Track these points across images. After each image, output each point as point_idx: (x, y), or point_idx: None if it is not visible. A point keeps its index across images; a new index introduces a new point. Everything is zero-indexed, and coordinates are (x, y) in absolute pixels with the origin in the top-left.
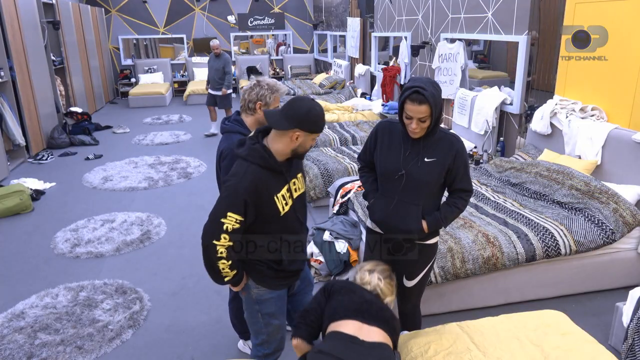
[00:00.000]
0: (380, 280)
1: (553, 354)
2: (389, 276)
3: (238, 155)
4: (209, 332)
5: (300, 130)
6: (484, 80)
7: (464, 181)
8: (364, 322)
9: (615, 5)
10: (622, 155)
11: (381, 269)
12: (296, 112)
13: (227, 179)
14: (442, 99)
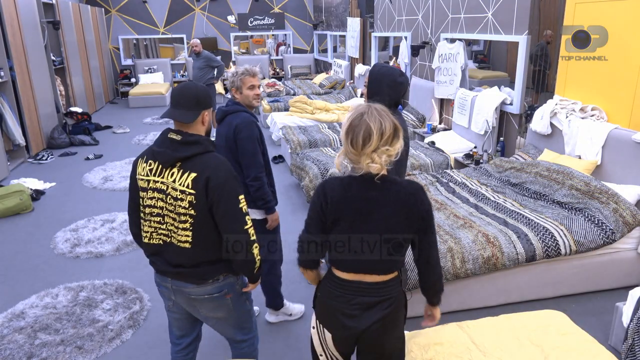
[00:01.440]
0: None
1: (553, 354)
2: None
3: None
4: (209, 332)
5: (205, 110)
6: (484, 80)
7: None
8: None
9: (615, 5)
10: (622, 155)
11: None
12: (191, 98)
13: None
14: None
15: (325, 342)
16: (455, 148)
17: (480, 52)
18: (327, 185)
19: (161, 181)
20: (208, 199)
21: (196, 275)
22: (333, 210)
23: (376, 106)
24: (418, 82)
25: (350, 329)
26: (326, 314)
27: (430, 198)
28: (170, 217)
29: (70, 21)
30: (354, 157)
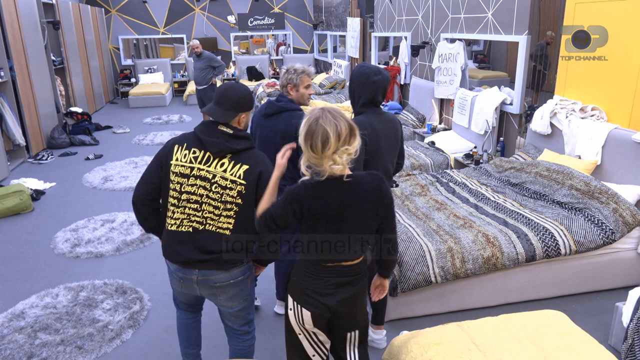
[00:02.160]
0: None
1: (553, 354)
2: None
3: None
4: (209, 332)
5: (243, 112)
6: (484, 80)
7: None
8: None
9: (615, 5)
10: (622, 155)
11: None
12: (233, 100)
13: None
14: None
15: (302, 321)
16: (455, 148)
17: (480, 52)
18: (299, 196)
19: (207, 169)
20: (258, 191)
21: (226, 261)
22: (309, 218)
23: (329, 109)
24: (418, 82)
25: (327, 305)
26: (303, 295)
27: (430, 198)
28: (211, 205)
29: (70, 21)
30: (315, 160)
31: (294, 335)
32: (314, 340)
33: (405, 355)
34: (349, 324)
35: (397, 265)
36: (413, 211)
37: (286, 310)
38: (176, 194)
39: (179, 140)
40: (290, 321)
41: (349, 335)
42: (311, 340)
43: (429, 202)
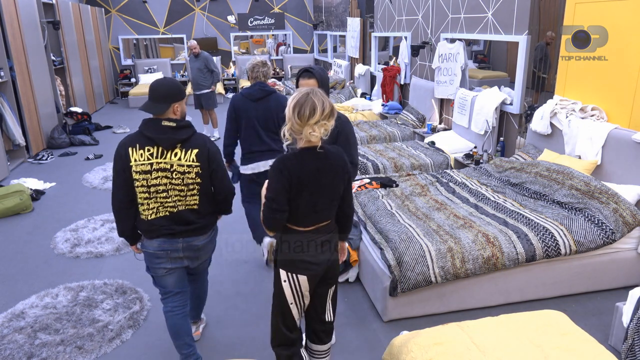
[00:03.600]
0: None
1: (553, 354)
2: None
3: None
4: (209, 332)
5: (175, 102)
6: (484, 80)
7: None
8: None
9: (615, 5)
10: (622, 155)
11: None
12: (163, 93)
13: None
14: (328, 82)
15: (299, 289)
16: (455, 148)
17: (480, 52)
18: (287, 164)
19: (164, 162)
20: (210, 167)
21: (204, 227)
22: (296, 184)
23: (318, 90)
24: (418, 82)
25: (319, 264)
26: (296, 262)
27: (430, 198)
28: (176, 190)
29: (70, 21)
30: (298, 127)
31: (285, 305)
32: (302, 306)
33: (405, 355)
34: (333, 277)
35: (397, 265)
36: (413, 211)
37: (279, 284)
38: (145, 189)
39: (130, 143)
40: (284, 293)
41: (331, 290)
42: (300, 308)
43: (429, 202)
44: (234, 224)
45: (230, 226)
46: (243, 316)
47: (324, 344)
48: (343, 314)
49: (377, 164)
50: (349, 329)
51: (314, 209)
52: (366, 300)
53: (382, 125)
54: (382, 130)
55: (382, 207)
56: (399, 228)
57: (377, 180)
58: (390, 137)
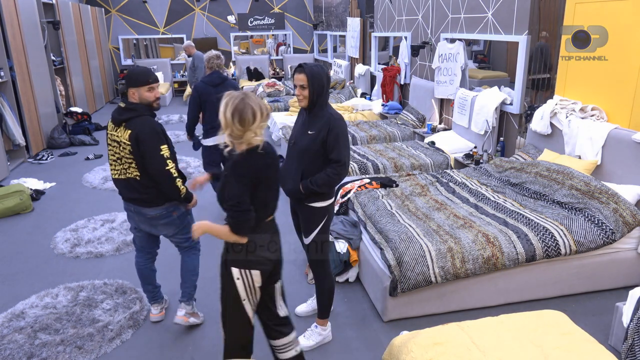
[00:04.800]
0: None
1: (553, 354)
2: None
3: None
4: (209, 332)
5: (130, 88)
6: (484, 80)
7: (334, 152)
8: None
9: (615, 5)
10: (622, 155)
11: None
12: (125, 77)
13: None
14: (325, 80)
15: (252, 283)
16: (455, 148)
17: (480, 52)
18: (244, 167)
19: (115, 135)
20: (139, 149)
21: (145, 200)
22: (253, 184)
23: (249, 93)
24: (418, 82)
25: (271, 258)
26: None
27: (430, 198)
28: (124, 159)
29: (70, 21)
30: (240, 133)
31: (239, 304)
32: (254, 302)
33: (405, 355)
34: (278, 272)
35: (397, 265)
36: (413, 211)
37: (231, 284)
38: (110, 155)
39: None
40: (238, 291)
41: (277, 286)
42: (253, 304)
43: (429, 202)
44: None
45: None
46: None
47: (285, 336)
48: (343, 314)
49: (377, 164)
50: (349, 329)
51: (264, 204)
52: (366, 300)
53: (382, 125)
54: (382, 130)
55: (382, 207)
56: (399, 228)
57: (377, 180)
58: (390, 137)
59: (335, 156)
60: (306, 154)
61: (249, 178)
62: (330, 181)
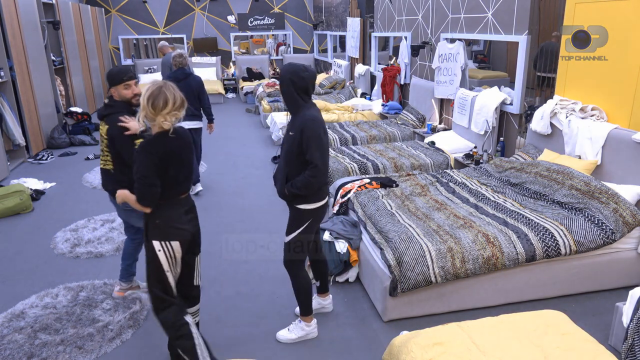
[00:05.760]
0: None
1: (553, 354)
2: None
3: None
4: (209, 332)
5: (111, 86)
6: (484, 80)
7: (308, 154)
8: None
9: (615, 5)
10: (622, 155)
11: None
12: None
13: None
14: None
15: (173, 255)
16: (455, 148)
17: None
18: (153, 146)
19: (101, 128)
20: (114, 145)
21: (113, 191)
22: (162, 162)
23: (170, 83)
24: (418, 82)
25: (189, 230)
26: (168, 231)
27: (430, 198)
28: (104, 152)
29: (70, 21)
30: (152, 116)
31: (162, 273)
32: (176, 274)
33: (405, 355)
34: (198, 245)
35: (397, 265)
36: (413, 211)
37: (153, 256)
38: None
39: None
40: (160, 262)
41: (197, 258)
42: (174, 275)
43: (429, 202)
44: (235, 224)
45: (231, 226)
46: (243, 316)
47: (196, 304)
48: (343, 314)
49: (377, 164)
50: (349, 329)
51: (176, 182)
52: (366, 300)
53: (382, 125)
54: (382, 130)
55: (382, 207)
56: (399, 228)
57: (377, 180)
58: (390, 137)
59: (309, 158)
60: (288, 155)
61: (157, 156)
62: (307, 184)
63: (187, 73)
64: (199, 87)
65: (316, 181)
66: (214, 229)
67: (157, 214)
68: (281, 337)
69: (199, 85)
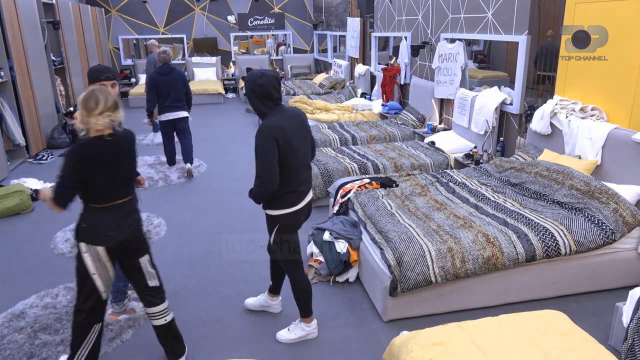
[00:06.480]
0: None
1: (553, 354)
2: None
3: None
4: (209, 332)
5: (90, 84)
6: (484, 80)
7: (256, 165)
8: None
9: (615, 5)
10: (622, 155)
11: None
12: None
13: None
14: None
15: (98, 258)
16: (455, 148)
17: (480, 52)
18: (82, 151)
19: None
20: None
21: None
22: (91, 167)
23: (104, 88)
24: (418, 82)
25: (117, 238)
26: (94, 236)
27: (430, 198)
28: None
29: (70, 21)
30: (85, 118)
31: (87, 277)
32: (106, 278)
33: (405, 355)
34: (139, 249)
35: (397, 265)
36: (413, 211)
37: (80, 256)
38: None
39: None
40: (86, 264)
41: (142, 260)
42: (104, 279)
43: (429, 202)
44: (235, 224)
45: (231, 226)
46: (243, 316)
47: (155, 305)
48: (343, 314)
49: (377, 164)
50: (349, 329)
51: (110, 188)
52: (366, 300)
53: (382, 125)
54: (382, 130)
55: (382, 207)
56: (399, 228)
57: (377, 180)
58: (390, 137)
59: (256, 169)
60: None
61: (80, 160)
62: (255, 194)
63: (171, 68)
64: (183, 80)
65: (260, 192)
66: (214, 229)
67: (85, 218)
68: (281, 337)
69: (183, 79)
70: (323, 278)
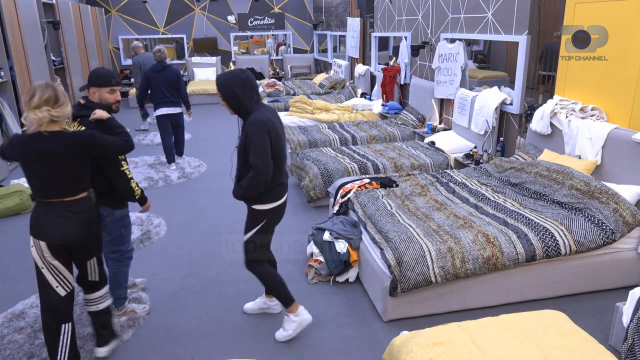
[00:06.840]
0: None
1: (553, 354)
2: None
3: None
4: (209, 332)
5: (91, 87)
6: (484, 80)
7: (250, 156)
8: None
9: (615, 5)
10: (622, 155)
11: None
12: (89, 77)
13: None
14: (235, 86)
15: (42, 253)
16: (455, 148)
17: (480, 52)
18: (15, 144)
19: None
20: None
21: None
22: (22, 162)
23: (52, 83)
24: (418, 82)
25: (59, 235)
26: (39, 228)
27: (430, 198)
28: None
29: (70, 21)
30: (26, 112)
31: (39, 270)
32: (56, 272)
33: (405, 355)
34: (85, 254)
35: (397, 265)
36: (413, 211)
37: (30, 249)
38: None
39: None
40: (33, 257)
41: (89, 263)
42: (53, 273)
43: (429, 202)
44: (234, 223)
45: (231, 226)
46: (243, 316)
47: (92, 293)
48: (343, 314)
49: (377, 164)
50: (349, 329)
51: (43, 184)
52: (366, 300)
53: (382, 125)
54: (382, 130)
55: (382, 207)
56: (399, 228)
57: (377, 180)
58: (390, 137)
59: (250, 160)
60: (240, 157)
61: (10, 150)
62: (250, 186)
63: (165, 65)
64: (176, 77)
65: (259, 183)
66: (214, 229)
67: (33, 211)
68: (280, 337)
69: (177, 76)
70: (323, 278)
